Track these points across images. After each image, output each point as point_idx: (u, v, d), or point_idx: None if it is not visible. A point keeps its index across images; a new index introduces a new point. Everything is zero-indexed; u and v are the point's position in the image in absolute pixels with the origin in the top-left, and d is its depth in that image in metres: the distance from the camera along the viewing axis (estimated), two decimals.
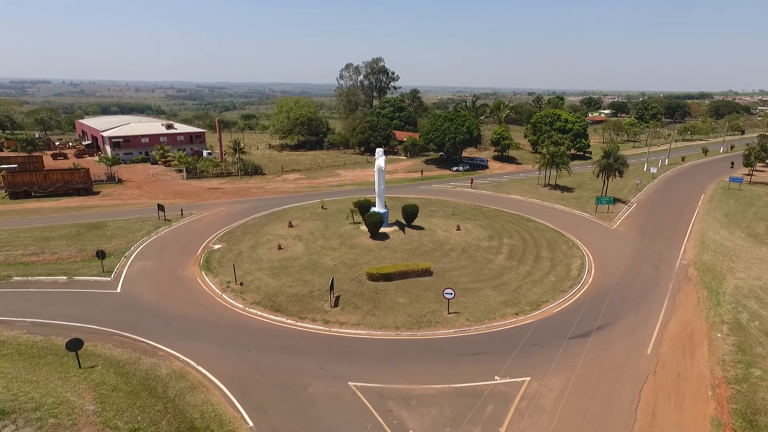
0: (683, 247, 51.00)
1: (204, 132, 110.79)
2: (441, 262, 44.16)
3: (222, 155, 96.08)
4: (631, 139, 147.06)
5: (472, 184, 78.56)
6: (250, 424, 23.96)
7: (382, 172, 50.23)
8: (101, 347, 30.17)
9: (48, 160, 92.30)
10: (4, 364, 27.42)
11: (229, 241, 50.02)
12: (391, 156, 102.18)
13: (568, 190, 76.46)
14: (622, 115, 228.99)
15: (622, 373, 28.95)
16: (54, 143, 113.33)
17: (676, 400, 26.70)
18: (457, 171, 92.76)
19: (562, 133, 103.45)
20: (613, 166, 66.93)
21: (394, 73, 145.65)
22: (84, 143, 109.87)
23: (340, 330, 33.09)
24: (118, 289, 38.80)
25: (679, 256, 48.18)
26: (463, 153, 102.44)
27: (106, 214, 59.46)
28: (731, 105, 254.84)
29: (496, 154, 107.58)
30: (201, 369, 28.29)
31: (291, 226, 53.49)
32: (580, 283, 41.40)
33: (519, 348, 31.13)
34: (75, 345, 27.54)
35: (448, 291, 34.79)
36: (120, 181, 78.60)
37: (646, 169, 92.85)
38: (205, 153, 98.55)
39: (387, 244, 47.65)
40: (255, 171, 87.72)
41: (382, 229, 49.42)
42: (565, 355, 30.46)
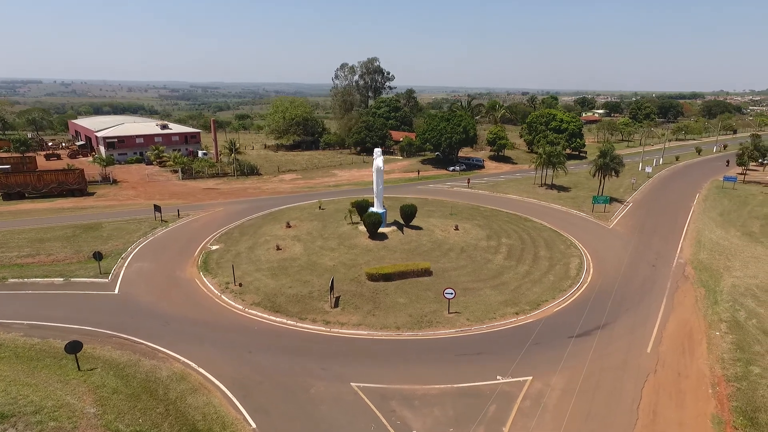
0: (680, 246, 51.33)
1: (199, 132, 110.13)
2: (440, 262, 44.17)
3: (217, 155, 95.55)
4: (626, 138, 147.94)
5: (468, 183, 78.66)
6: (253, 426, 23.82)
7: (380, 172, 50.17)
8: (100, 349, 29.88)
9: (41, 160, 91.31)
10: (2, 367, 27.11)
11: (227, 241, 49.75)
12: (388, 156, 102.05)
13: (564, 189, 76.76)
14: (616, 115, 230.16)
15: (623, 371, 29.08)
16: (47, 144, 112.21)
17: (677, 399, 26.84)
18: (453, 171, 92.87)
19: (558, 133, 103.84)
20: (610, 166, 67.26)
21: (389, 73, 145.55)
22: (77, 144, 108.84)
23: (341, 330, 32.99)
24: (116, 291, 38.46)
25: (676, 255, 48.49)
26: (459, 153, 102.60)
27: (102, 215, 58.95)
28: (723, 105, 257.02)
29: (492, 153, 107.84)
30: (202, 371, 28.09)
31: (289, 226, 53.28)
32: (579, 282, 41.55)
33: (520, 347, 31.19)
34: (74, 347, 27.26)
35: (449, 291, 34.79)
36: (115, 181, 77.98)
37: (641, 169, 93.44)
38: (200, 153, 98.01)
39: (386, 244, 47.59)
40: (251, 171, 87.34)
41: (380, 230, 49.36)
42: (566, 355, 30.53)
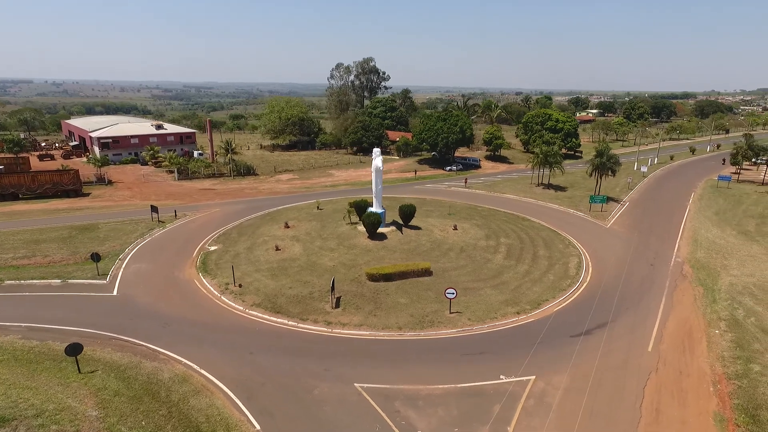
0: (677, 245, 51.67)
1: (194, 132, 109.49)
2: (440, 261, 44.17)
3: (213, 156, 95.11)
4: (620, 138, 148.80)
5: (466, 183, 78.76)
6: (258, 427, 23.66)
7: (379, 172, 50.11)
8: (100, 351, 29.59)
9: (34, 161, 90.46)
10: (1, 370, 26.77)
11: (225, 242, 49.48)
12: (384, 156, 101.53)
13: (561, 189, 77.06)
14: (610, 114, 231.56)
15: (625, 370, 29.18)
16: (40, 144, 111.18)
17: (678, 397, 26.97)
18: (450, 171, 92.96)
19: (553, 133, 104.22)
20: (606, 165, 67.63)
21: (384, 72, 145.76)
22: (71, 144, 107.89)
23: (342, 331, 32.88)
24: (115, 292, 38.12)
25: (674, 254, 48.80)
26: (456, 153, 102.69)
27: (98, 216, 58.44)
28: (715, 105, 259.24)
29: (489, 153, 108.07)
30: (204, 372, 27.88)
31: (287, 226, 53.09)
32: (578, 281, 41.68)
33: (522, 347, 31.24)
34: (74, 350, 26.96)
35: (450, 291, 34.79)
36: (110, 182, 77.37)
37: (636, 168, 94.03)
38: (195, 153, 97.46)
39: (385, 244, 47.52)
40: (247, 171, 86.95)
41: (379, 230, 49.28)
42: (568, 354, 30.61)
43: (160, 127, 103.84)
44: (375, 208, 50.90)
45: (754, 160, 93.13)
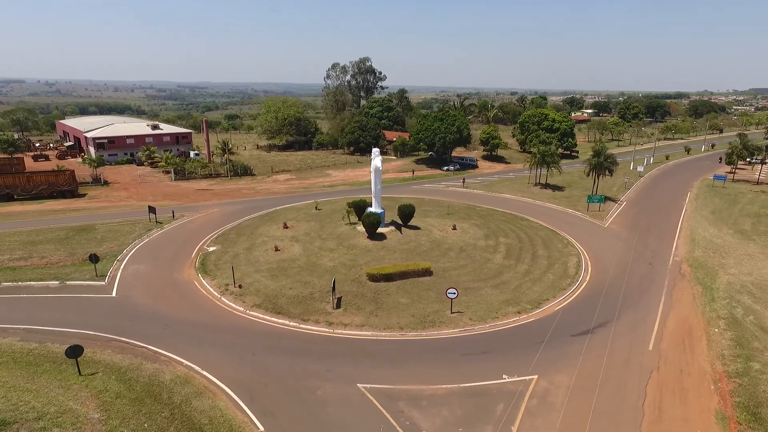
0: (675, 244, 51.95)
1: (191, 132, 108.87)
2: (440, 261, 44.18)
3: (210, 156, 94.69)
4: (615, 138, 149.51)
5: (464, 183, 78.85)
6: (261, 429, 23.55)
7: (378, 173, 50.08)
8: (100, 353, 29.37)
9: (29, 161, 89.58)
10: (0, 372, 26.51)
11: (224, 243, 49.25)
12: (382, 156, 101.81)
13: (558, 189, 77.30)
14: (604, 114, 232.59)
15: (627, 369, 29.28)
16: (34, 144, 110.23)
17: (680, 395, 27.09)
18: (447, 170, 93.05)
19: (550, 133, 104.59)
20: (604, 165, 67.90)
21: (381, 72, 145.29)
22: (66, 144, 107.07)
23: (344, 331, 32.80)
24: (114, 294, 37.84)
25: (672, 253, 49.05)
26: (453, 152, 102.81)
27: (94, 217, 58.02)
28: (709, 104, 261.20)
29: (485, 153, 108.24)
30: (206, 374, 27.72)
31: (286, 227, 52.93)
32: (578, 281, 41.80)
33: (524, 346, 31.30)
34: (75, 352, 26.75)
35: (451, 290, 34.80)
36: (106, 182, 76.82)
37: (632, 168, 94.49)
38: (192, 154, 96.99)
39: (385, 244, 47.48)
40: (244, 172, 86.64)
41: (379, 230, 49.23)
42: (570, 353, 30.70)
43: (156, 127, 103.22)
44: (374, 208, 50.85)
45: (748, 159, 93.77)
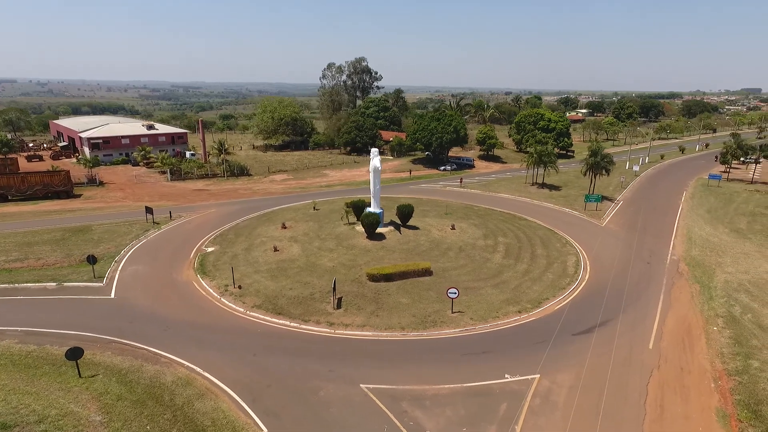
0: (672, 243, 52.26)
1: (186, 132, 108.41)
2: (439, 261, 44.20)
3: (206, 156, 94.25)
4: (610, 138, 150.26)
5: (461, 183, 78.95)
6: (265, 430, 23.43)
7: (377, 172, 50.04)
8: (100, 355, 29.12)
9: (22, 162, 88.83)
10: None
11: (222, 243, 49.02)
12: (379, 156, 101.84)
13: (555, 188, 77.58)
14: (599, 114, 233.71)
15: (628, 368, 29.41)
16: (27, 145, 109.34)
17: (681, 393, 27.23)
18: (444, 170, 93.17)
19: (546, 132, 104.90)
20: (601, 165, 68.23)
21: (377, 72, 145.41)
22: (60, 144, 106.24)
23: (345, 332, 32.73)
24: (112, 295, 37.55)
25: (669, 252, 49.35)
26: (449, 152, 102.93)
27: (91, 218, 57.56)
28: (702, 104, 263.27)
29: (482, 153, 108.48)
30: (207, 375, 27.56)
31: (284, 227, 52.77)
32: (577, 280, 41.94)
33: (525, 346, 31.37)
34: (75, 354, 26.50)
35: (452, 290, 34.82)
36: (101, 183, 76.27)
37: (628, 167, 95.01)
38: (188, 154, 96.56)
39: (384, 244, 47.44)
40: (241, 172, 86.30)
41: (378, 230, 49.17)
42: (571, 352, 30.79)
43: (151, 127, 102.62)
44: (373, 208, 50.79)
45: (742, 159, 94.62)
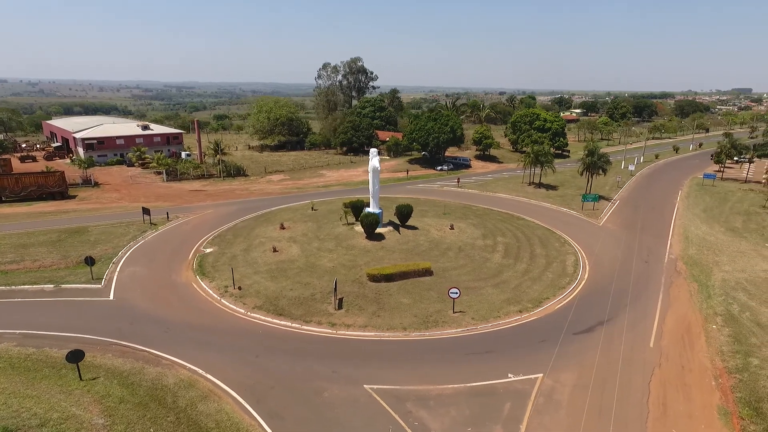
0: (669, 242, 52.61)
1: (182, 133, 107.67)
2: (439, 261, 44.20)
3: (201, 156, 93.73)
4: (605, 137, 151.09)
5: (458, 183, 79.04)
6: None
7: (376, 173, 49.96)
8: (101, 358, 28.86)
9: (15, 162, 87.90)
10: None
11: (221, 244, 48.74)
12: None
13: (552, 188, 77.87)
14: (593, 114, 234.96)
15: (630, 366, 29.55)
16: (20, 145, 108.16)
17: (683, 391, 27.41)
18: (441, 170, 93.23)
19: (541, 132, 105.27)
20: (597, 164, 68.59)
21: (372, 72, 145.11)
22: (53, 145, 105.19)
23: (347, 333, 32.65)
24: (111, 297, 37.22)
25: (667, 251, 49.67)
26: (446, 152, 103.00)
27: (86, 219, 57.04)
28: (694, 104, 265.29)
29: (478, 153, 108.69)
30: (210, 377, 27.39)
31: (283, 228, 52.58)
32: (576, 279, 42.10)
33: (527, 345, 31.45)
34: (76, 356, 26.24)
35: (454, 290, 34.83)
36: (96, 184, 75.58)
37: (624, 167, 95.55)
38: (183, 154, 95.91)
39: (383, 244, 47.39)
40: (237, 172, 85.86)
41: (377, 230, 49.10)
42: (573, 351, 30.90)
43: (146, 127, 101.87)
44: (372, 209, 50.72)
45: (736, 158, 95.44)
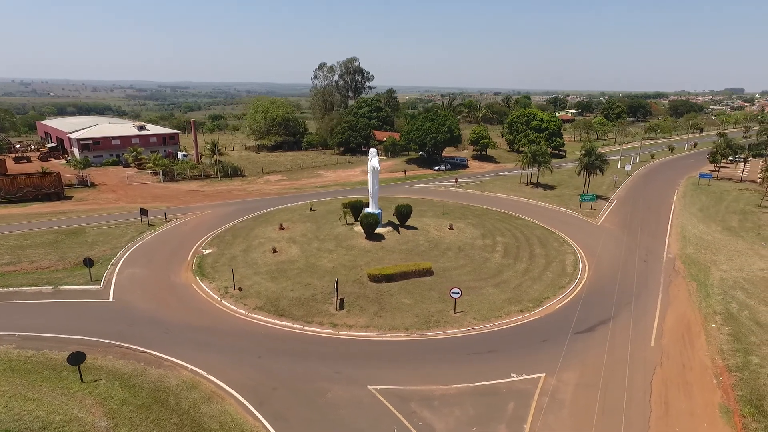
0: (667, 241, 52.91)
1: (178, 133, 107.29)
2: (440, 261, 44.23)
3: (198, 157, 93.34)
4: (601, 137, 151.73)
5: (456, 183, 79.13)
6: None
7: (376, 173, 49.90)
8: (102, 359, 28.65)
9: (10, 163, 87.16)
10: None
11: (220, 245, 48.55)
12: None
13: (549, 187, 78.13)
14: (588, 114, 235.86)
15: (631, 365, 29.69)
16: (14, 146, 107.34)
17: (684, 390, 27.57)
18: (439, 170, 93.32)
19: (538, 132, 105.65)
20: (595, 164, 68.88)
21: (369, 72, 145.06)
22: (48, 146, 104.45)
23: (349, 333, 32.59)
24: (110, 298, 36.98)
25: (665, 250, 49.95)
26: (443, 152, 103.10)
27: (83, 220, 56.65)
28: (688, 104, 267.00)
29: (475, 153, 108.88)
30: (212, 378, 27.26)
31: (282, 228, 52.44)
32: (576, 279, 42.25)
33: (529, 345, 31.52)
34: (77, 358, 26.03)
35: (455, 290, 34.85)
36: (92, 184, 75.10)
37: (620, 167, 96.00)
38: (180, 155, 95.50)
39: (383, 244, 47.36)
40: (234, 173, 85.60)
41: (376, 230, 49.05)
42: (574, 350, 31.00)
43: (142, 128, 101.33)
44: (372, 209, 50.67)
45: (731, 158, 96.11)
